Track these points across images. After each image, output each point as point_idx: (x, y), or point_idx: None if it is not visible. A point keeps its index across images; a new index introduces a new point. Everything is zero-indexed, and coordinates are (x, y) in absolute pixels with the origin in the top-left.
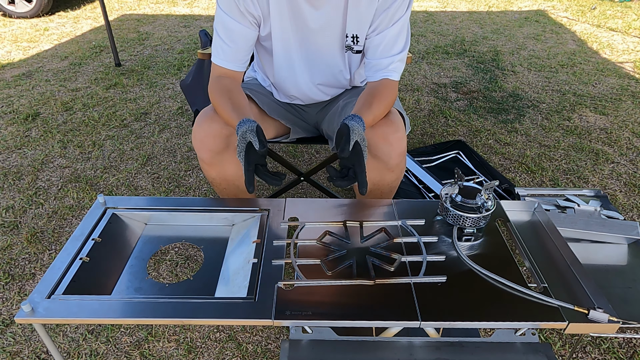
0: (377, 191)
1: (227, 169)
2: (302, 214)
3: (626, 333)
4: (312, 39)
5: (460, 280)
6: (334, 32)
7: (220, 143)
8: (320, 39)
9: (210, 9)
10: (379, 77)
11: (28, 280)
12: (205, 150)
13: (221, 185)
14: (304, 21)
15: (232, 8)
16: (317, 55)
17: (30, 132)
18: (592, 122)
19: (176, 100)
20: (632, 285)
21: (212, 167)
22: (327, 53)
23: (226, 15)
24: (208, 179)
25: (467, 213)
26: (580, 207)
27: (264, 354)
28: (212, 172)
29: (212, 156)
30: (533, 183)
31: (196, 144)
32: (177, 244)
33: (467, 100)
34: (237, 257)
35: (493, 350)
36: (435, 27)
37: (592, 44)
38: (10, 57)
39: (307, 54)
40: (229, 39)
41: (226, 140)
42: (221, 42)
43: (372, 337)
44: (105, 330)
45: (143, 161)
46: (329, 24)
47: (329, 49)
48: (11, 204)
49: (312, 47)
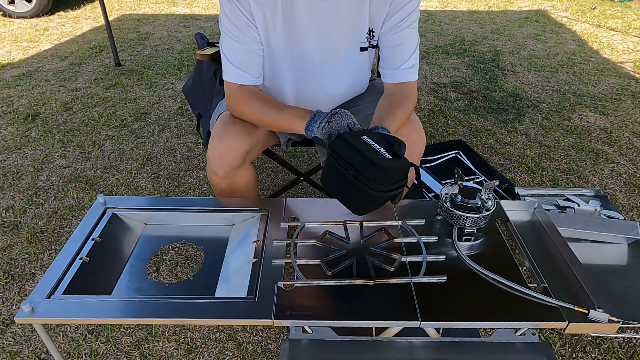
0: None
1: (238, 181)
2: (302, 214)
3: (626, 333)
4: (333, 39)
5: (460, 280)
6: (351, 30)
7: (239, 159)
8: (339, 40)
9: (210, 9)
10: (399, 79)
11: (28, 280)
12: (223, 165)
13: (229, 195)
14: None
15: (238, 30)
16: (337, 60)
17: (30, 132)
18: (592, 122)
19: (176, 100)
20: (632, 285)
21: (224, 180)
22: (344, 56)
23: (232, 40)
24: (216, 190)
25: (467, 213)
26: (580, 207)
27: (264, 354)
28: (223, 184)
29: (228, 171)
30: (533, 183)
31: (214, 158)
32: (177, 244)
33: (467, 100)
34: (237, 257)
35: (493, 350)
36: (435, 27)
37: (592, 43)
38: (10, 57)
39: (327, 58)
40: (239, 58)
41: (245, 156)
42: (231, 64)
43: (372, 337)
44: (105, 330)
45: (143, 161)
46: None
47: (347, 50)
48: (11, 204)
49: (332, 48)
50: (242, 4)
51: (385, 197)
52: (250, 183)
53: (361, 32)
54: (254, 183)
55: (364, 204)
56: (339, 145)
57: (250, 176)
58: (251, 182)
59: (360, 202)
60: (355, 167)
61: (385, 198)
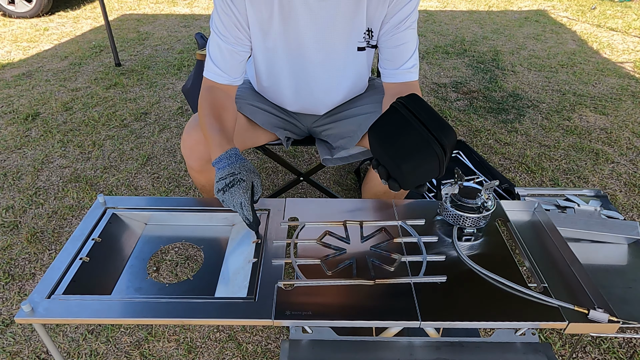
0: (391, 192)
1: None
2: (302, 214)
3: (626, 333)
4: (331, 41)
5: (460, 280)
6: (349, 29)
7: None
8: (336, 39)
9: (210, 9)
10: (402, 79)
11: (28, 280)
12: (195, 158)
13: (211, 192)
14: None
15: (226, 29)
16: (335, 61)
17: (30, 132)
18: (592, 122)
19: (176, 100)
20: (632, 285)
21: (202, 174)
22: (342, 55)
23: (218, 37)
24: (197, 186)
25: (467, 213)
26: (580, 207)
27: (264, 354)
28: (202, 179)
29: (201, 164)
30: (533, 183)
31: (185, 151)
32: (177, 244)
33: (467, 100)
34: (237, 257)
35: (493, 350)
36: (435, 27)
37: (592, 44)
38: (10, 57)
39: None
40: (221, 57)
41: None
42: (211, 61)
43: (372, 337)
44: (105, 330)
45: (143, 161)
46: (344, 22)
47: (344, 49)
48: (11, 204)
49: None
50: (235, 5)
51: (432, 169)
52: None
53: (358, 32)
54: None
55: (416, 162)
56: (415, 100)
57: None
58: None
59: (415, 158)
60: (425, 123)
61: (431, 170)
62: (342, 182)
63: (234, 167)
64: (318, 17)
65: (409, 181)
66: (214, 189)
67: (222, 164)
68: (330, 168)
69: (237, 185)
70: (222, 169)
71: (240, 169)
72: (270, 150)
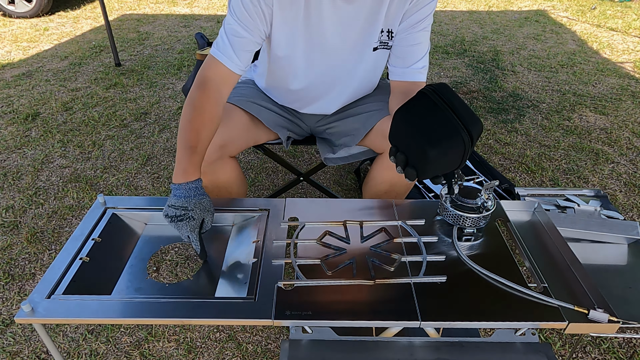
0: (392, 192)
1: (219, 176)
2: (302, 214)
3: (626, 333)
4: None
5: (460, 280)
6: (365, 30)
7: (214, 153)
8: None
9: (210, 9)
10: (410, 78)
11: (28, 280)
12: None
13: (213, 192)
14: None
15: (249, 16)
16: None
17: (30, 132)
18: (592, 122)
19: (176, 100)
20: (632, 285)
21: (205, 176)
22: (359, 55)
23: (236, 23)
24: None
25: (467, 213)
26: (580, 207)
27: (264, 354)
28: (205, 180)
29: (205, 166)
30: (533, 183)
31: None
32: (177, 244)
33: (467, 100)
34: (237, 257)
35: (493, 350)
36: (435, 26)
37: (592, 44)
38: (10, 57)
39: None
40: (237, 40)
41: (220, 150)
42: (223, 41)
43: (372, 337)
44: (105, 330)
45: (143, 161)
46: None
47: (362, 49)
48: (11, 204)
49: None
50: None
51: (456, 159)
52: (233, 179)
53: (375, 32)
54: (237, 179)
55: (443, 149)
56: (446, 87)
57: (232, 172)
58: (233, 178)
59: (442, 145)
60: (455, 111)
61: (455, 160)
62: (342, 182)
63: (190, 202)
64: (342, 18)
65: (430, 169)
66: (163, 210)
67: (179, 192)
68: (330, 168)
69: (186, 221)
70: (177, 198)
71: (194, 205)
72: (270, 150)
